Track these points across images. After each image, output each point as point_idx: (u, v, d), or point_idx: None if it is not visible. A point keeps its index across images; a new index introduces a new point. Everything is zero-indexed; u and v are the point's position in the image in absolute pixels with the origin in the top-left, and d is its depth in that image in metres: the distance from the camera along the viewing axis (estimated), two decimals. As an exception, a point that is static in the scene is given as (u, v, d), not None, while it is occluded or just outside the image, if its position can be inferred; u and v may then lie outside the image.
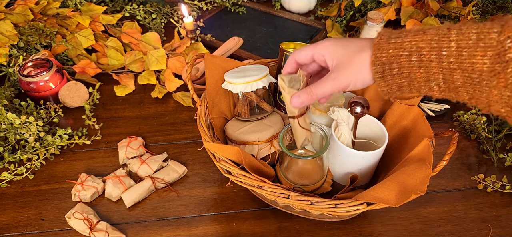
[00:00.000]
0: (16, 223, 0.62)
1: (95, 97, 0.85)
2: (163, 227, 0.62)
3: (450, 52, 0.34)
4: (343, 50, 0.43)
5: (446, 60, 0.35)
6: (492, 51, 0.32)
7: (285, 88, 0.49)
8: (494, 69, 0.32)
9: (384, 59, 0.39)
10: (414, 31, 0.37)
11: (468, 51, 0.33)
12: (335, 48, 0.44)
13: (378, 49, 0.39)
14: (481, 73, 0.33)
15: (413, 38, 0.37)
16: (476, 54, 0.33)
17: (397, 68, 0.38)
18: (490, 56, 0.32)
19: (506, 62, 0.31)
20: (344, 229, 0.61)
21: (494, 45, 0.32)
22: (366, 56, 0.40)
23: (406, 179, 0.50)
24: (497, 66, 0.32)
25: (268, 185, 0.52)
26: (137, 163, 0.69)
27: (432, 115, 0.80)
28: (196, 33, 1.05)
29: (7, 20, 0.86)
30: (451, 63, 0.35)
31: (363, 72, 0.41)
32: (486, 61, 0.32)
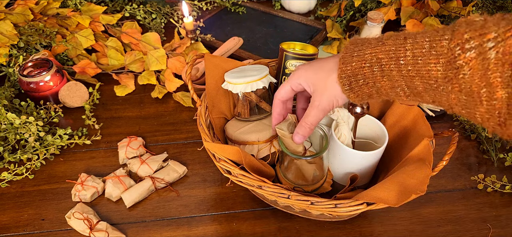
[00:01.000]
0: (16, 223, 0.62)
1: (95, 97, 0.85)
2: (163, 227, 0.62)
3: (407, 61, 0.36)
4: (316, 75, 0.47)
5: (404, 68, 0.37)
6: (444, 58, 0.33)
7: (286, 134, 0.53)
8: (447, 75, 0.33)
9: (349, 72, 0.42)
10: (375, 42, 0.40)
11: (422, 59, 0.35)
12: (308, 75, 0.48)
13: (343, 63, 0.42)
14: (437, 79, 0.35)
15: (373, 49, 0.39)
16: (430, 61, 0.35)
17: (362, 79, 0.41)
18: (443, 63, 0.34)
19: (456, 68, 0.32)
20: (344, 229, 0.61)
21: (445, 53, 0.33)
22: (334, 75, 0.44)
23: (406, 179, 0.50)
24: (450, 73, 0.33)
25: (268, 185, 0.52)
26: (137, 163, 0.69)
27: (432, 115, 0.80)
28: (196, 33, 1.05)
29: (7, 20, 0.86)
30: (410, 71, 0.37)
31: (335, 90, 0.45)
32: (439, 68, 0.34)
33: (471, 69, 0.32)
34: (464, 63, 0.32)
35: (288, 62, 0.64)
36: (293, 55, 0.64)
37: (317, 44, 1.05)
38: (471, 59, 0.31)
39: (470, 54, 0.31)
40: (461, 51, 0.32)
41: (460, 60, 0.32)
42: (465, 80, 0.32)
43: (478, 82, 0.31)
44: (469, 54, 0.31)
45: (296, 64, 0.64)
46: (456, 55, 0.32)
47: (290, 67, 0.64)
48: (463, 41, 0.32)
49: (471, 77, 0.32)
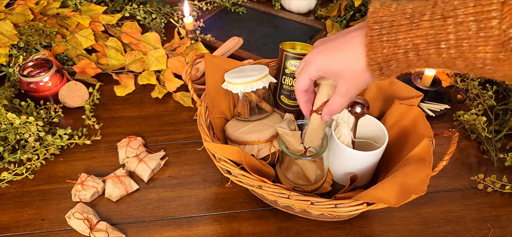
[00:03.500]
0: (16, 223, 0.62)
1: (95, 97, 0.85)
2: (163, 227, 0.62)
3: (450, 45, 0.33)
4: (339, 63, 0.42)
5: (445, 52, 0.33)
6: (494, 41, 0.30)
7: (287, 132, 0.53)
8: (498, 58, 0.30)
9: (380, 59, 0.37)
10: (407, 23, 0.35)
11: (468, 42, 0.31)
12: (329, 63, 0.43)
13: (371, 50, 0.37)
14: (484, 61, 0.31)
15: (407, 34, 0.35)
16: (478, 45, 0.31)
17: (395, 64, 0.37)
18: (493, 45, 0.30)
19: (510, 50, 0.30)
20: (344, 229, 0.61)
21: (496, 35, 0.30)
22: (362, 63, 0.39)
23: (406, 179, 0.50)
24: (501, 55, 0.30)
25: (268, 185, 0.52)
26: (135, 161, 0.69)
27: (432, 115, 0.80)
28: (196, 33, 1.05)
29: (7, 20, 0.86)
30: (451, 54, 0.33)
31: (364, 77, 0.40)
32: (488, 51, 0.31)
33: None
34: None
35: (288, 62, 0.64)
36: (293, 55, 0.64)
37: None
38: None
39: None
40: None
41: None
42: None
43: None
44: None
45: (296, 64, 0.64)
46: (510, 37, 0.29)
47: (290, 67, 0.64)
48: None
49: None
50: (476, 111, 0.77)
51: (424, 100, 0.83)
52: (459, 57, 0.33)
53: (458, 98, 0.86)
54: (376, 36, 0.37)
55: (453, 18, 0.32)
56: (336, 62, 0.42)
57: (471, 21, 0.31)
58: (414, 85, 0.83)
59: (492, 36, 0.30)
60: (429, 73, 0.81)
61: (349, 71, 0.41)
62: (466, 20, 0.31)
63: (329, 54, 0.42)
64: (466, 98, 0.85)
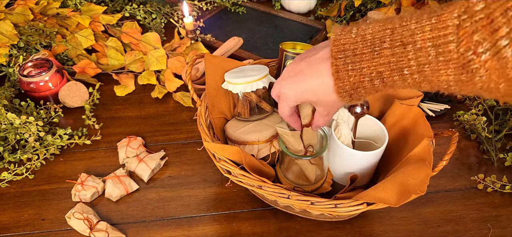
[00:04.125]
0: (16, 223, 0.62)
1: (95, 97, 0.85)
2: (163, 227, 0.62)
3: (412, 70, 0.33)
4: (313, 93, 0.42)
5: (409, 77, 0.34)
6: (454, 64, 0.31)
7: (287, 132, 0.54)
8: (460, 79, 0.31)
9: (348, 88, 0.38)
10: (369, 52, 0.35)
11: (430, 67, 0.32)
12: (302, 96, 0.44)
13: (338, 79, 0.38)
14: (448, 82, 0.32)
15: (370, 63, 0.35)
16: (439, 68, 0.32)
17: (363, 91, 0.38)
18: (454, 68, 0.31)
19: (471, 72, 0.30)
20: (344, 229, 0.61)
21: (455, 58, 0.30)
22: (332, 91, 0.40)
23: (406, 179, 0.50)
24: (463, 77, 0.31)
25: (268, 185, 0.52)
26: (135, 161, 0.69)
27: (432, 115, 0.80)
28: (196, 33, 1.05)
29: (7, 20, 0.86)
30: (416, 79, 0.34)
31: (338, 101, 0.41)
32: (450, 73, 0.31)
33: (488, 70, 0.29)
34: (480, 66, 0.29)
35: (288, 62, 0.64)
36: (293, 55, 0.64)
37: (317, 44, 1.04)
38: (487, 61, 0.29)
39: (485, 56, 0.29)
40: (474, 55, 0.29)
41: (474, 64, 0.30)
42: (482, 81, 0.30)
43: (496, 80, 0.30)
44: (484, 57, 0.29)
45: (296, 64, 0.64)
46: (469, 59, 0.30)
47: (290, 67, 0.64)
48: (475, 43, 0.29)
49: (488, 77, 0.30)
50: (476, 111, 0.77)
51: (424, 100, 0.83)
52: (424, 81, 0.33)
53: (458, 98, 0.86)
54: (342, 66, 0.37)
55: (412, 44, 0.32)
56: (309, 92, 0.42)
57: (429, 46, 0.32)
58: (414, 85, 0.83)
59: (451, 59, 0.31)
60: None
61: (323, 100, 0.42)
62: (425, 46, 0.32)
63: (301, 85, 0.43)
64: (466, 98, 0.85)
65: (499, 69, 0.29)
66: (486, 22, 0.28)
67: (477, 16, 0.29)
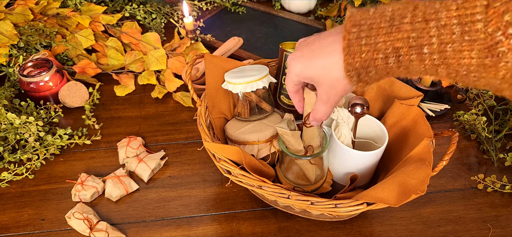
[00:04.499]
0: (16, 223, 0.62)
1: (95, 97, 0.85)
2: (163, 227, 0.62)
3: (432, 49, 0.30)
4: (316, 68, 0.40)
5: (428, 57, 0.31)
6: (480, 45, 0.28)
7: (287, 132, 0.53)
8: (483, 63, 0.29)
9: (358, 65, 0.35)
10: (387, 26, 0.32)
11: (452, 47, 0.30)
12: (306, 69, 0.41)
13: (348, 54, 0.35)
14: (469, 67, 0.30)
15: (387, 37, 0.32)
16: (462, 49, 0.29)
17: (374, 71, 0.35)
18: (478, 50, 0.28)
19: (497, 56, 0.28)
20: (344, 229, 0.61)
21: (482, 38, 0.28)
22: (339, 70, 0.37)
23: (406, 179, 0.50)
24: (487, 61, 0.28)
25: (268, 185, 0.52)
26: (135, 161, 0.69)
27: (432, 115, 0.80)
28: (196, 33, 1.05)
29: (7, 20, 0.86)
30: (434, 60, 0.31)
31: (343, 84, 0.38)
32: (473, 56, 0.29)
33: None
34: (508, 50, 0.27)
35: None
36: (293, 55, 0.64)
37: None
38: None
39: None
40: (503, 37, 0.27)
41: (502, 47, 0.27)
42: (507, 68, 0.28)
43: None
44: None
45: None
46: (497, 41, 0.27)
47: (290, 67, 0.64)
48: (505, 24, 0.27)
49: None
50: (476, 111, 0.77)
51: (424, 100, 0.83)
52: (442, 64, 0.31)
53: (458, 98, 0.86)
54: (355, 40, 0.34)
55: (435, 21, 0.30)
56: (313, 70, 0.40)
57: (454, 24, 0.29)
58: (414, 85, 0.83)
59: (478, 39, 0.28)
60: (429, 73, 0.81)
61: (327, 79, 0.39)
62: (449, 23, 0.29)
63: (307, 61, 0.40)
64: (466, 98, 0.85)
65: None
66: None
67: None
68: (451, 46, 0.30)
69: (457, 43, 0.29)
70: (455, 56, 0.30)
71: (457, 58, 0.30)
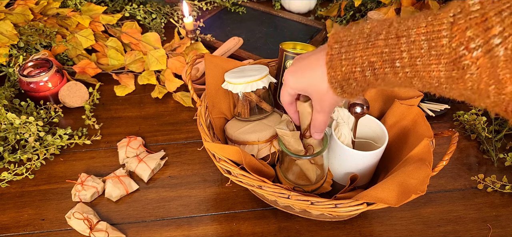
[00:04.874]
0: (16, 223, 0.62)
1: (95, 97, 0.85)
2: (163, 227, 0.62)
3: (404, 63, 0.33)
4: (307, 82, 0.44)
5: (401, 71, 0.34)
6: (446, 59, 0.31)
7: (287, 133, 0.53)
8: (451, 75, 0.31)
9: (339, 78, 0.39)
10: (363, 42, 0.36)
11: (422, 60, 0.32)
12: (299, 84, 0.45)
13: (331, 68, 0.39)
14: (439, 79, 0.32)
15: (363, 52, 0.36)
16: (430, 63, 0.32)
17: (355, 83, 0.38)
18: (445, 63, 0.31)
19: (462, 68, 0.30)
20: (344, 229, 0.61)
21: (447, 53, 0.31)
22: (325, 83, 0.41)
23: (406, 179, 0.50)
24: (454, 73, 0.31)
25: (268, 185, 0.52)
26: (135, 161, 0.69)
27: (432, 115, 0.80)
28: (196, 33, 1.05)
29: (7, 20, 0.86)
30: (407, 73, 0.34)
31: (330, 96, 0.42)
32: (441, 69, 0.31)
33: (479, 68, 0.29)
34: (471, 63, 0.29)
35: (288, 62, 0.64)
36: (293, 55, 0.64)
37: (317, 44, 1.05)
38: (478, 58, 0.29)
39: (476, 53, 0.29)
40: (466, 51, 0.29)
41: (466, 60, 0.30)
42: (473, 79, 0.30)
43: (487, 80, 0.29)
44: (475, 53, 0.29)
45: (296, 64, 0.64)
46: (460, 55, 0.30)
47: (290, 67, 0.64)
48: (467, 39, 0.29)
49: (479, 75, 0.30)
50: (476, 111, 0.77)
51: (424, 100, 0.83)
52: (415, 77, 0.34)
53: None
54: (336, 55, 0.38)
55: (406, 37, 0.33)
56: (304, 83, 0.44)
57: (423, 40, 0.32)
58: (414, 85, 0.83)
59: (443, 54, 0.31)
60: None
61: (316, 91, 0.43)
62: (418, 39, 0.32)
63: (300, 75, 0.44)
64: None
65: (490, 68, 0.29)
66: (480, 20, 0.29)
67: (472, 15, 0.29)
68: (420, 60, 0.32)
69: (425, 57, 0.32)
70: (425, 69, 0.32)
71: (427, 71, 0.32)
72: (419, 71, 0.33)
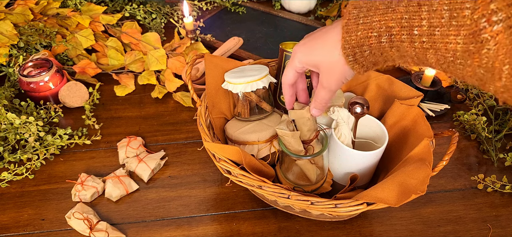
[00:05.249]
0: (16, 223, 0.62)
1: (95, 97, 0.85)
2: (163, 227, 0.62)
3: (422, 31, 0.33)
4: (318, 53, 0.43)
5: (418, 40, 0.33)
6: (466, 30, 0.30)
7: (287, 133, 0.53)
8: (468, 49, 0.30)
9: (354, 43, 0.38)
10: (384, 8, 0.35)
11: (440, 30, 0.32)
12: (308, 55, 0.44)
13: (346, 32, 0.38)
14: (455, 52, 0.32)
15: (382, 16, 0.35)
16: (449, 33, 0.31)
17: (368, 50, 0.37)
18: (464, 35, 0.30)
19: (481, 42, 0.29)
20: (344, 229, 0.61)
21: (468, 24, 0.30)
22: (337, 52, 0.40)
23: (406, 179, 0.50)
24: (472, 47, 0.30)
25: (268, 185, 0.52)
26: (135, 161, 0.69)
27: (432, 115, 0.80)
28: (196, 33, 1.05)
29: (7, 20, 0.86)
30: (424, 43, 0.33)
31: (340, 67, 0.41)
32: (459, 41, 0.31)
33: (497, 44, 0.29)
34: (490, 37, 0.29)
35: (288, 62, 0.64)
36: (293, 55, 0.64)
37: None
38: (498, 32, 0.28)
39: (497, 27, 0.28)
40: (487, 24, 0.29)
41: (485, 33, 0.29)
42: (489, 55, 0.29)
43: (502, 58, 0.29)
44: (496, 27, 0.28)
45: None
46: (481, 27, 0.29)
47: (290, 67, 0.64)
48: (490, 12, 0.28)
49: (495, 52, 0.29)
50: (476, 111, 0.77)
51: (424, 100, 0.83)
52: (431, 48, 0.33)
53: (458, 98, 0.86)
54: (353, 20, 0.37)
55: (428, 6, 0.32)
56: (315, 54, 0.43)
57: (444, 9, 0.31)
58: (414, 85, 0.83)
59: (464, 25, 0.30)
60: (429, 73, 0.81)
61: (326, 62, 0.42)
62: (440, 9, 0.32)
63: (310, 46, 0.44)
64: (466, 98, 0.85)
65: (509, 45, 0.28)
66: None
67: None
68: (439, 30, 0.32)
69: (445, 27, 0.31)
70: (442, 40, 0.32)
71: (444, 43, 0.32)
72: (436, 42, 0.32)
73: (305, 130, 0.54)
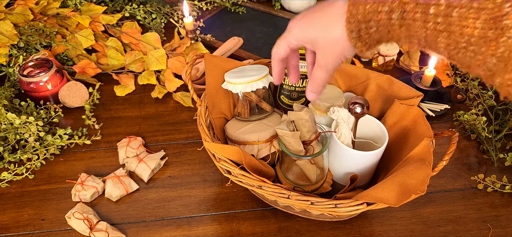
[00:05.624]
0: (16, 223, 0.62)
1: (95, 97, 0.85)
2: (163, 227, 0.62)
3: (438, 11, 0.30)
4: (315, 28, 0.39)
5: (432, 20, 0.30)
6: (487, 15, 0.28)
7: (287, 133, 0.52)
8: (486, 35, 0.28)
9: (360, 17, 0.34)
10: None
11: (459, 12, 0.29)
12: (305, 30, 0.40)
13: (353, 4, 0.34)
14: (470, 38, 0.29)
15: None
16: (468, 16, 0.28)
17: (375, 27, 0.34)
18: (484, 20, 0.28)
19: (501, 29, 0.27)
20: (344, 229, 0.61)
21: (489, 8, 0.27)
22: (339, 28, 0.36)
23: (406, 179, 0.50)
24: (490, 33, 0.28)
25: (268, 185, 0.52)
26: (135, 161, 0.69)
27: (432, 115, 0.80)
28: (196, 33, 1.05)
29: (7, 20, 0.86)
30: (438, 24, 0.30)
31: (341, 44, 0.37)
32: (478, 26, 0.28)
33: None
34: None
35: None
36: (293, 55, 0.64)
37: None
38: None
39: None
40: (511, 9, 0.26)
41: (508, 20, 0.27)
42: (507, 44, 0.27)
43: None
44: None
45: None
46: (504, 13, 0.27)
47: (290, 67, 0.64)
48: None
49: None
50: (476, 111, 0.77)
51: (424, 100, 0.83)
52: (444, 31, 0.30)
53: (458, 98, 0.86)
54: None
55: None
56: (313, 30, 0.39)
57: None
58: (414, 85, 0.83)
59: (485, 8, 0.28)
60: (429, 73, 0.81)
61: (324, 38, 0.38)
62: None
63: (308, 21, 0.40)
64: (466, 98, 0.85)
65: None
66: None
67: None
68: (458, 11, 0.29)
69: (464, 9, 0.29)
70: (459, 23, 0.29)
71: (461, 26, 0.29)
72: (452, 24, 0.29)
73: (304, 131, 0.54)
